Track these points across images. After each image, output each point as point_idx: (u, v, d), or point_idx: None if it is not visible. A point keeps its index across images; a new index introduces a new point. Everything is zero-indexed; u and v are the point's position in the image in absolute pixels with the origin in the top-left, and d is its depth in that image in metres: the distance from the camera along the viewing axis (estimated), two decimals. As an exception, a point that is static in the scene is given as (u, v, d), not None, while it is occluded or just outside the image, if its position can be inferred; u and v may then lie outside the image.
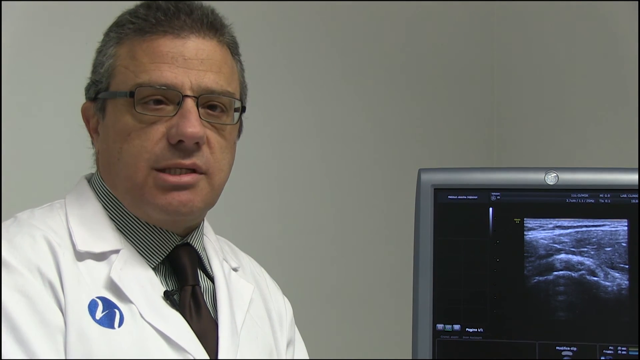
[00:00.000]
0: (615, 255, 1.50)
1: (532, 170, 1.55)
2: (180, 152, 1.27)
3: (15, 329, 1.17)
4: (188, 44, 1.29)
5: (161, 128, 1.27)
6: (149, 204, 1.28)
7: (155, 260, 1.31)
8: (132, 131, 1.27)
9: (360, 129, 2.73)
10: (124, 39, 1.31)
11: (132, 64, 1.28)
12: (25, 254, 1.21)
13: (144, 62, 1.28)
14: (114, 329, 1.21)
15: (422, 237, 1.54)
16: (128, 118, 1.27)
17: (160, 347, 1.24)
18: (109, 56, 1.31)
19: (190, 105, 1.27)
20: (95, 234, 1.28)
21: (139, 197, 1.28)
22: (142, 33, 1.29)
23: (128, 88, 1.28)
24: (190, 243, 1.35)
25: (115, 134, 1.28)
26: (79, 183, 1.37)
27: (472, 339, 1.52)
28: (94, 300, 1.22)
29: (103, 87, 1.31)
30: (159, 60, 1.28)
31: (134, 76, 1.28)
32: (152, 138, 1.27)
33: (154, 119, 1.27)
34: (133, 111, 1.27)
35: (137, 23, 1.30)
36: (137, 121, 1.27)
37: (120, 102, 1.29)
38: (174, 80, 1.27)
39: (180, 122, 1.26)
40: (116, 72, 1.30)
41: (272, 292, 1.48)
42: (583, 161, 2.62)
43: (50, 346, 1.17)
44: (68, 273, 1.22)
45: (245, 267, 1.47)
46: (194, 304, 1.30)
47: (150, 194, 1.28)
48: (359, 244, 2.70)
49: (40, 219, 1.28)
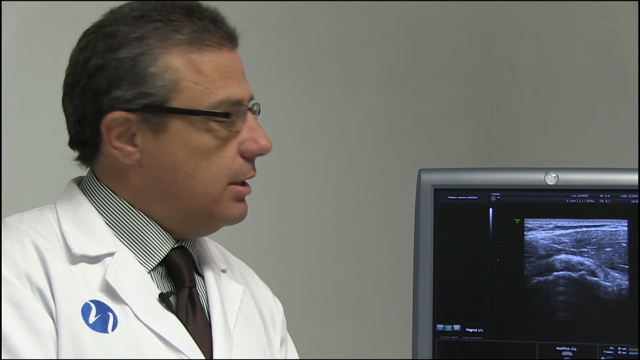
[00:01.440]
0: (615, 256, 1.50)
1: (532, 171, 1.55)
2: (251, 164, 1.33)
3: (5, 339, 1.16)
4: (235, 57, 1.32)
5: (234, 143, 1.30)
6: (221, 216, 1.32)
7: (152, 263, 1.31)
8: (211, 149, 1.28)
9: (360, 129, 2.73)
10: (173, 49, 1.27)
11: (203, 80, 1.27)
12: (14, 260, 1.20)
13: (215, 78, 1.28)
14: (107, 333, 1.21)
15: (422, 237, 1.54)
16: (206, 136, 1.28)
17: (155, 348, 1.23)
18: (164, 68, 1.27)
19: (252, 117, 1.32)
20: (90, 237, 1.27)
21: (210, 210, 1.31)
22: (198, 44, 1.28)
23: (208, 106, 1.27)
24: (185, 246, 1.35)
25: (190, 152, 1.28)
26: (68, 187, 1.35)
27: (472, 339, 1.52)
28: (87, 304, 1.21)
29: (160, 101, 1.27)
30: (227, 75, 1.29)
31: (210, 93, 1.27)
32: (230, 155, 1.30)
33: (229, 135, 1.29)
34: (211, 129, 1.28)
35: (187, 33, 1.28)
36: (215, 139, 1.28)
37: (195, 119, 1.27)
38: (242, 95, 1.30)
39: (255, 136, 1.31)
40: (182, 87, 1.27)
41: (262, 292, 1.48)
42: (583, 161, 2.62)
43: (41, 353, 1.17)
44: (58, 278, 1.21)
45: (234, 269, 1.47)
46: (190, 306, 1.30)
47: (225, 206, 1.31)
48: (359, 244, 2.70)
49: (29, 224, 1.27)
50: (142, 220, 1.31)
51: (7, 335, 1.16)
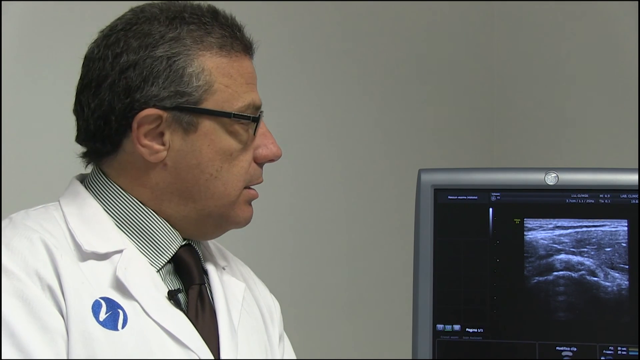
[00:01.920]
0: (615, 256, 1.50)
1: (532, 171, 1.55)
2: (261, 169, 1.38)
3: (14, 335, 1.16)
4: (252, 64, 1.37)
5: (250, 149, 1.35)
6: (235, 217, 1.36)
7: (162, 260, 1.31)
8: (234, 152, 1.33)
9: (360, 129, 2.73)
10: (206, 53, 1.31)
11: (232, 83, 1.32)
12: (23, 257, 1.20)
13: (242, 83, 1.33)
14: (118, 331, 1.21)
15: (422, 237, 1.54)
16: (230, 138, 1.32)
17: (165, 345, 1.23)
18: (199, 69, 1.30)
19: (264, 124, 1.36)
20: (98, 234, 1.28)
21: (226, 212, 1.35)
22: (227, 50, 1.32)
23: (237, 109, 1.31)
24: (192, 244, 1.36)
25: (215, 153, 1.31)
26: (71, 184, 1.36)
27: (472, 339, 1.52)
28: (98, 301, 1.22)
29: (193, 101, 1.30)
30: (250, 81, 1.35)
31: (238, 97, 1.32)
32: (248, 159, 1.35)
33: (247, 140, 1.34)
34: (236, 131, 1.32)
35: (217, 37, 1.32)
36: (238, 142, 1.33)
37: (223, 121, 1.31)
38: (260, 103, 1.36)
39: (267, 143, 1.36)
40: (215, 89, 1.30)
41: (260, 289, 1.50)
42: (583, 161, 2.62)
43: (51, 351, 1.17)
44: (68, 275, 1.21)
45: (233, 266, 1.48)
46: (200, 303, 1.31)
47: (240, 208, 1.36)
48: (359, 244, 2.70)
49: (36, 221, 1.27)
50: (152, 218, 1.32)
51: (17, 332, 1.16)
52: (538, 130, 2.87)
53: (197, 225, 1.34)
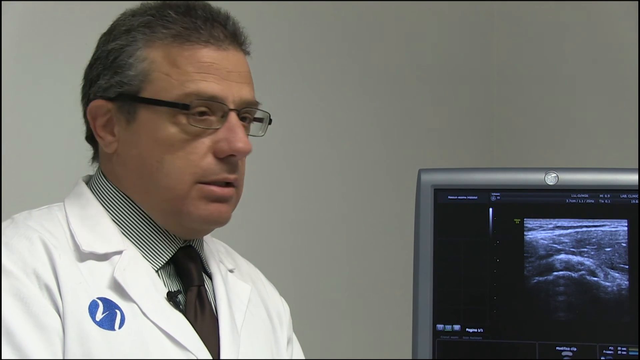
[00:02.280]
0: (615, 256, 1.50)
1: (532, 171, 1.55)
2: (226, 166, 1.29)
3: (10, 334, 1.16)
4: (229, 56, 1.30)
5: (206, 141, 1.28)
6: (189, 214, 1.29)
7: (160, 262, 1.31)
8: (176, 142, 1.27)
9: (360, 129, 2.73)
10: (156, 43, 1.29)
11: (176, 72, 1.28)
12: (22, 257, 1.21)
13: (189, 72, 1.28)
14: (114, 331, 1.21)
15: (422, 237, 1.54)
16: (171, 128, 1.27)
17: (162, 346, 1.23)
18: (140, 59, 1.29)
19: (235, 119, 1.30)
20: (98, 235, 1.28)
21: (178, 208, 1.29)
22: (181, 40, 1.29)
23: (174, 98, 1.27)
24: (192, 245, 1.36)
25: (155, 143, 1.28)
26: (77, 185, 1.36)
27: (472, 339, 1.52)
28: (95, 301, 1.22)
29: (132, 90, 1.29)
30: (204, 70, 1.28)
31: (180, 85, 1.27)
32: (198, 151, 1.28)
33: (200, 131, 1.28)
34: (179, 121, 1.27)
35: (174, 28, 1.29)
36: (182, 132, 1.27)
37: (161, 110, 1.28)
38: (220, 93, 1.28)
39: (231, 137, 1.28)
40: (153, 77, 1.28)
41: (269, 292, 1.49)
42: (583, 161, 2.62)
43: (47, 350, 1.17)
44: (66, 275, 1.22)
45: (242, 268, 1.47)
46: (199, 305, 1.30)
47: (192, 205, 1.28)
48: (359, 244, 2.70)
49: (37, 221, 1.28)
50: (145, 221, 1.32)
51: (13, 331, 1.17)
52: (538, 130, 2.87)
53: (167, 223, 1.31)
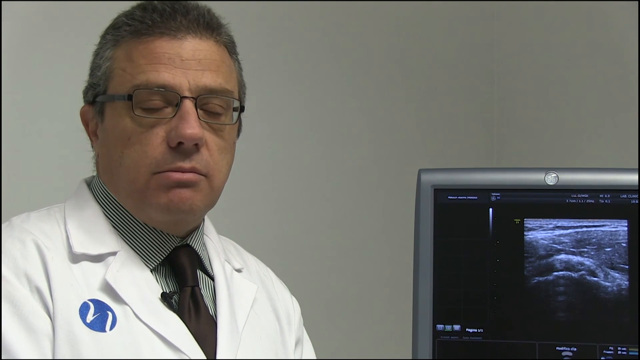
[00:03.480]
0: (615, 256, 1.50)
1: (532, 171, 1.55)
2: (180, 154, 1.27)
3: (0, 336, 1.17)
4: (185, 45, 1.29)
5: (161, 132, 1.27)
6: (151, 205, 1.28)
7: (154, 262, 1.31)
8: (132, 135, 1.27)
9: (360, 129, 2.73)
10: (121, 41, 1.31)
11: (129, 66, 1.28)
12: (14, 259, 1.21)
13: (141, 64, 1.28)
14: (105, 332, 1.21)
15: (422, 237, 1.54)
16: (127, 121, 1.27)
17: (155, 347, 1.23)
18: (106, 59, 1.31)
19: (188, 106, 1.27)
20: (93, 237, 1.28)
21: (141, 200, 1.28)
22: (138, 35, 1.29)
23: (126, 90, 1.27)
24: (190, 244, 1.35)
25: (115, 138, 1.28)
26: (79, 186, 1.37)
27: (472, 339, 1.52)
28: (86, 303, 1.22)
29: (101, 90, 1.31)
30: (155, 61, 1.27)
31: (131, 78, 1.28)
32: (152, 142, 1.27)
33: (153, 122, 1.27)
34: (132, 114, 1.27)
35: (133, 25, 1.30)
36: (136, 124, 1.27)
37: (118, 105, 1.28)
38: (172, 81, 1.27)
39: (180, 124, 1.26)
40: (114, 74, 1.30)
41: (279, 291, 1.48)
42: (583, 161, 2.62)
43: (36, 352, 1.17)
44: (58, 277, 1.22)
45: (251, 268, 1.47)
46: (193, 305, 1.30)
47: (152, 195, 1.27)
48: (359, 244, 2.70)
49: (34, 223, 1.28)
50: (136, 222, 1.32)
51: (3, 333, 1.17)
52: (538, 130, 2.87)
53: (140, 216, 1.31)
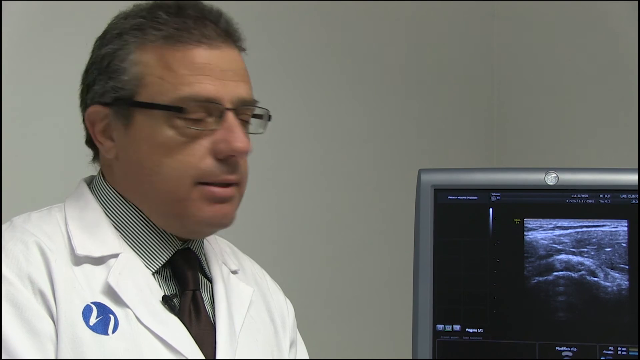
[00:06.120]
0: (615, 256, 1.50)
1: (532, 171, 1.55)
2: (226, 167, 1.28)
3: (3, 339, 1.16)
4: (222, 55, 1.29)
5: (205, 143, 1.27)
6: (191, 217, 1.28)
7: (156, 265, 1.30)
8: (174, 145, 1.26)
9: (360, 129, 2.73)
10: (148, 45, 1.28)
11: (169, 75, 1.26)
12: (17, 261, 1.20)
13: (184, 74, 1.26)
14: (108, 335, 1.21)
15: (422, 237, 1.54)
16: (168, 131, 1.26)
17: (156, 350, 1.23)
18: (133, 63, 1.28)
19: (233, 118, 1.28)
20: (95, 238, 1.27)
21: (180, 211, 1.28)
22: (172, 41, 1.27)
23: (169, 101, 1.26)
24: (191, 248, 1.35)
25: (152, 147, 1.27)
26: (78, 186, 1.36)
27: (472, 340, 1.52)
28: (89, 305, 1.22)
29: (127, 95, 1.28)
30: (198, 72, 1.26)
31: (174, 88, 1.26)
32: (197, 153, 1.26)
33: (197, 133, 1.26)
34: (175, 125, 1.26)
35: (165, 30, 1.28)
36: (179, 135, 1.26)
37: (157, 114, 1.26)
38: (216, 94, 1.27)
39: (229, 137, 1.26)
40: (147, 81, 1.27)
41: (273, 293, 1.48)
42: (583, 161, 2.62)
43: (39, 354, 1.17)
44: (61, 279, 1.21)
45: (246, 269, 1.46)
46: (194, 309, 1.30)
47: (195, 207, 1.27)
48: (359, 244, 2.70)
49: (35, 224, 1.27)
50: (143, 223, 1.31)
51: (6, 336, 1.16)
52: (538, 130, 2.87)
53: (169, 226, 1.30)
